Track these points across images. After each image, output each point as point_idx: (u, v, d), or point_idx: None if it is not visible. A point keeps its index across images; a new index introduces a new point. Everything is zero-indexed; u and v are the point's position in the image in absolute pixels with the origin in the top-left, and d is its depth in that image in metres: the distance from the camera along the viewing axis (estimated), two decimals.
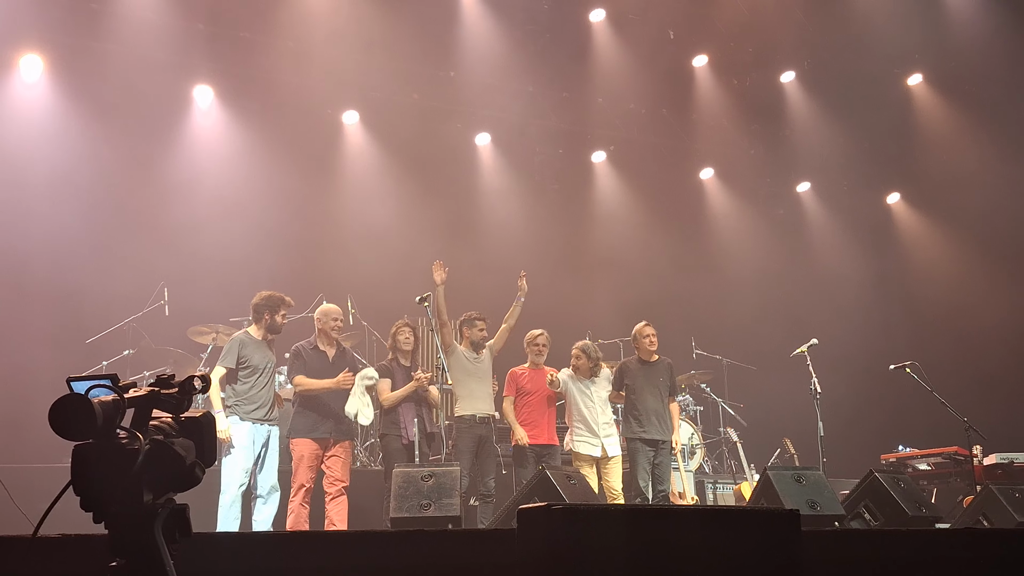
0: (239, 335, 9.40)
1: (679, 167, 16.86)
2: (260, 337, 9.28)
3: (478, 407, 9.89)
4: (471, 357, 10.11)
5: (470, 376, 10.03)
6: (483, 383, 10.07)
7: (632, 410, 10.22)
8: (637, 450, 10.01)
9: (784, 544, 3.55)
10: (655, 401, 10.17)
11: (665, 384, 10.34)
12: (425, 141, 14.87)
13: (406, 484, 8.06)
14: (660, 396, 10.22)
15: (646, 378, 10.27)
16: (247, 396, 9.09)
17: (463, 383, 10.01)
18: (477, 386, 10.00)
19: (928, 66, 15.33)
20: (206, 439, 2.42)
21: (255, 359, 9.15)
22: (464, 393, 9.99)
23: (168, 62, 12.80)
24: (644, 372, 10.30)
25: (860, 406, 14.02)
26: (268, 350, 9.31)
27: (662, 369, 10.41)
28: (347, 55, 13.44)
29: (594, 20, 14.92)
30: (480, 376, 10.08)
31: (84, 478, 2.22)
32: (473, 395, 9.96)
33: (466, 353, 10.11)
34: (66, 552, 3.92)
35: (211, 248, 12.48)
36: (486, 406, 9.96)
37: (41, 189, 11.94)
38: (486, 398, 10.02)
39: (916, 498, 8.67)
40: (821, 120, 15.89)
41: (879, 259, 16.34)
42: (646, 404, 10.12)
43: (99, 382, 2.30)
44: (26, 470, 9.03)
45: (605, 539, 3.25)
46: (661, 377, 10.33)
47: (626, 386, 10.31)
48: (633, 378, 10.29)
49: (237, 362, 9.10)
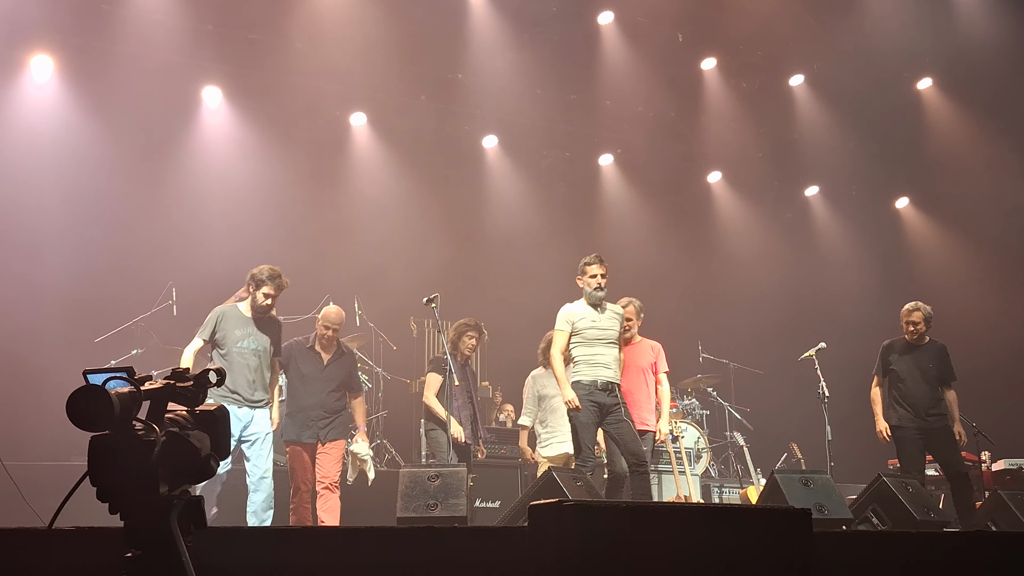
0: (223, 307, 8.87)
1: (687, 170, 16.85)
2: (249, 314, 8.71)
3: (599, 373, 8.82)
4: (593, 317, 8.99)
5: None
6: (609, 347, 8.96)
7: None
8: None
9: (796, 543, 3.55)
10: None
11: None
12: (433, 143, 14.91)
13: (412, 484, 8.07)
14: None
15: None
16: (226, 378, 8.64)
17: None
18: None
19: (938, 70, 15.29)
20: (220, 432, 2.43)
21: (232, 335, 8.57)
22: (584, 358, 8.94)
23: (177, 63, 12.83)
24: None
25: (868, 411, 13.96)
26: (255, 328, 8.69)
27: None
28: (355, 57, 13.45)
29: (602, 23, 14.88)
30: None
31: (101, 469, 2.22)
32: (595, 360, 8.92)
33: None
34: (81, 544, 3.93)
35: (219, 249, 12.49)
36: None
37: (51, 189, 11.97)
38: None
39: (924, 503, 8.66)
40: (830, 124, 15.86)
41: (887, 263, 16.32)
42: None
43: (116, 374, 2.31)
44: (37, 468, 9.05)
45: (616, 536, 3.25)
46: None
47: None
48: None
49: (212, 335, 8.58)
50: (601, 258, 9.15)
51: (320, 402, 9.10)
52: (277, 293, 8.65)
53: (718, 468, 13.60)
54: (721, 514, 4.08)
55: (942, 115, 15.38)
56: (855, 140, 15.88)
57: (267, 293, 8.56)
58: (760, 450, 13.07)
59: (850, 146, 15.99)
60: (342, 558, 4.43)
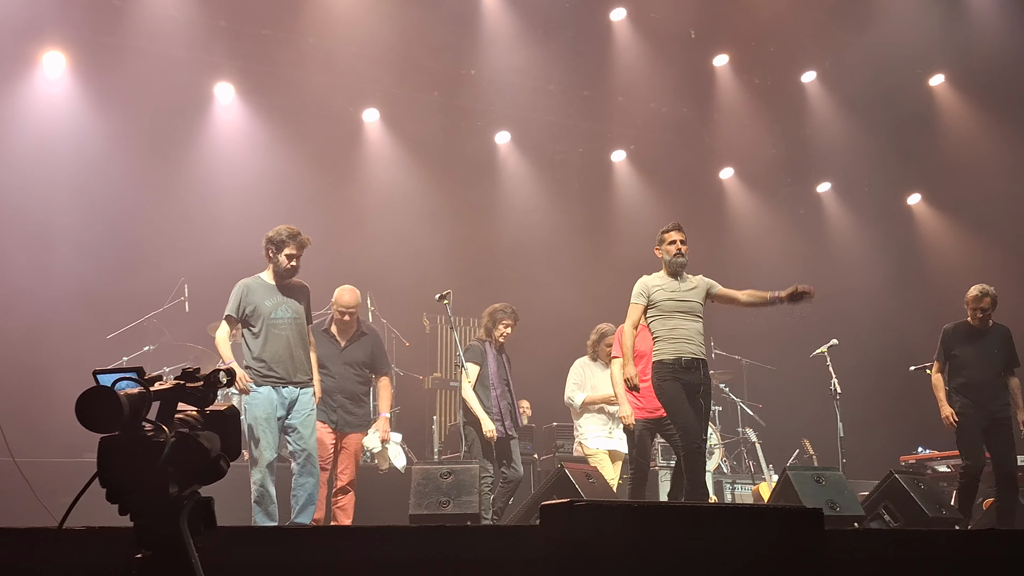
0: (245, 280, 8.17)
1: (699, 166, 16.81)
2: (273, 282, 8.11)
3: (682, 349, 8.24)
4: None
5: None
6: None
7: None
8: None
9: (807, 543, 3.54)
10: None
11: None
12: (445, 139, 14.91)
13: (425, 481, 8.08)
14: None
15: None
16: (260, 354, 7.89)
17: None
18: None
19: (951, 67, 15.23)
20: (231, 432, 2.43)
21: (263, 307, 7.96)
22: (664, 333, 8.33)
23: (190, 59, 12.84)
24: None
25: (880, 407, 13.96)
26: (285, 296, 8.07)
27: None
28: (368, 52, 13.46)
29: (615, 19, 14.88)
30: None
31: (110, 470, 2.22)
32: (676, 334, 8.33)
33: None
34: (92, 544, 3.94)
35: (231, 244, 12.48)
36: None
37: (63, 185, 11.98)
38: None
39: (936, 499, 8.65)
40: (842, 120, 15.82)
41: (900, 260, 16.27)
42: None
43: (125, 375, 2.31)
44: (48, 464, 9.07)
45: (628, 536, 3.25)
46: None
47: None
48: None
49: (240, 311, 7.97)
50: (680, 225, 8.78)
51: (340, 386, 8.63)
52: (300, 252, 8.09)
53: (730, 464, 13.58)
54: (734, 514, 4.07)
55: (955, 112, 15.32)
56: (867, 136, 15.82)
57: (290, 254, 8.01)
58: (772, 446, 13.05)
59: (862, 142, 15.92)
60: (354, 557, 4.43)
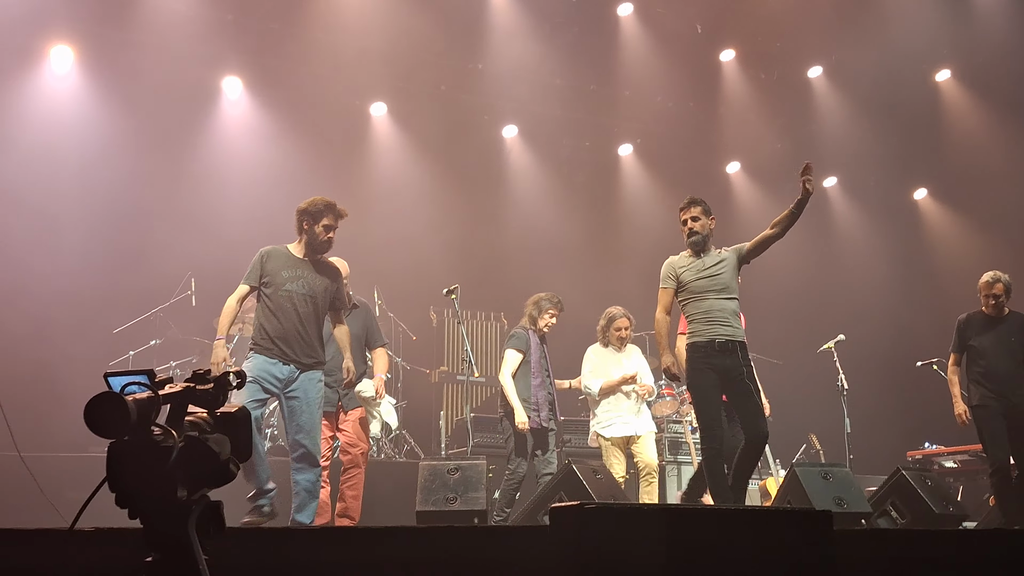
0: (267, 247, 7.63)
1: (705, 161, 16.79)
2: (299, 254, 7.56)
3: (715, 331, 7.65)
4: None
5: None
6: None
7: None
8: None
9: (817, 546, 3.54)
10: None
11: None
12: (452, 133, 14.88)
13: (432, 477, 8.06)
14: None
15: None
16: (265, 325, 7.34)
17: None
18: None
19: (957, 62, 15.20)
20: (241, 435, 2.43)
21: (279, 276, 7.39)
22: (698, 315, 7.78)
23: (197, 53, 12.83)
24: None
25: (887, 403, 13.95)
26: (309, 271, 7.50)
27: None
28: (376, 46, 13.45)
29: (622, 14, 14.86)
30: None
31: (119, 475, 2.22)
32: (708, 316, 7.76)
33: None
34: (102, 545, 3.94)
35: (238, 238, 12.49)
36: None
37: (70, 179, 12.00)
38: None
39: (943, 495, 8.65)
40: (848, 115, 15.79)
41: (906, 255, 16.25)
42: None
43: (135, 379, 2.31)
44: (55, 459, 9.09)
45: (638, 538, 3.24)
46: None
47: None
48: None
49: (258, 279, 7.44)
50: (692, 200, 8.22)
51: (336, 364, 7.94)
52: (336, 224, 7.56)
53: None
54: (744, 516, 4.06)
55: (961, 106, 15.29)
56: (873, 131, 15.78)
57: (327, 224, 7.48)
58: (779, 442, 13.00)
59: (868, 137, 15.89)
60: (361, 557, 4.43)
